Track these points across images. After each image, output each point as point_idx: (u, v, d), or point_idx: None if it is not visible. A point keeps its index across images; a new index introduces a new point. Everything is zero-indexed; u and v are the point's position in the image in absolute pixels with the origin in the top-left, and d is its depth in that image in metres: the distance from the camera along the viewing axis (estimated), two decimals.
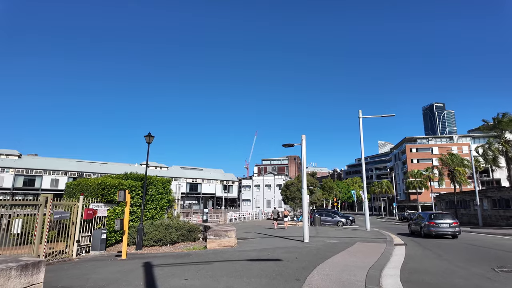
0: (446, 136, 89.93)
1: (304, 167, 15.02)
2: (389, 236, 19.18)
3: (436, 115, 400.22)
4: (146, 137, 14.50)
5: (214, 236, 12.51)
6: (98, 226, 13.96)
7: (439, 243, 16.75)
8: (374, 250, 12.41)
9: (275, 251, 11.19)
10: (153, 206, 17.68)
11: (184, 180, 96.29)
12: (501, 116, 32.72)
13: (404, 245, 15.06)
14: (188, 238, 14.98)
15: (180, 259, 9.97)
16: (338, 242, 14.65)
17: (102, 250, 13.31)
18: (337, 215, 36.57)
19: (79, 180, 15.34)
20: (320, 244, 13.46)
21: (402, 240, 17.73)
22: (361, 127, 26.37)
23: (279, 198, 77.73)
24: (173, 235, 14.28)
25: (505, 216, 40.44)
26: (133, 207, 15.74)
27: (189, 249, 12.71)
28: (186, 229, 14.97)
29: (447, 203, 59.88)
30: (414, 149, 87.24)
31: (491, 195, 44.04)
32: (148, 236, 13.98)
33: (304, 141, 15.34)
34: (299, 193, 38.08)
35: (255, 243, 13.92)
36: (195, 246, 13.17)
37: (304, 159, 15.09)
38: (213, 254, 10.84)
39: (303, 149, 15.20)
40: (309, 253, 10.76)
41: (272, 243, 14.23)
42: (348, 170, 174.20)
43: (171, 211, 20.24)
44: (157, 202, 18.11)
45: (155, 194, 17.96)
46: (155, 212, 17.87)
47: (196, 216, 39.90)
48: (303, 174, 14.95)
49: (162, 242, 14.01)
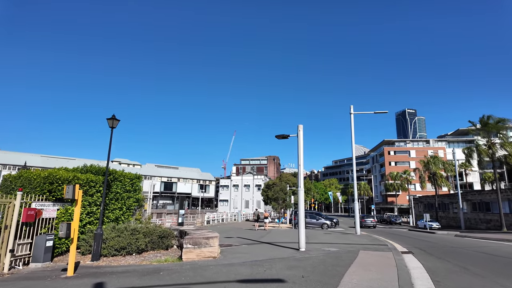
0: (423, 140, 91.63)
1: (301, 161, 12.78)
2: (387, 242, 17.39)
3: (408, 120, 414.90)
4: (109, 120, 11.69)
5: (193, 244, 9.96)
6: (43, 230, 11.00)
7: (445, 250, 15.09)
8: (385, 262, 10.37)
9: (272, 266, 8.82)
10: (118, 206, 14.78)
11: (159, 179, 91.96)
12: (486, 118, 32.21)
13: (410, 253, 13.21)
14: (160, 245, 12.30)
15: (147, 280, 7.37)
16: (339, 250, 12.52)
17: (46, 261, 10.37)
18: (321, 217, 34.83)
19: (20, 172, 12.24)
20: (320, 254, 11.24)
21: (402, 246, 15.97)
22: (352, 124, 24.65)
23: (258, 198, 75.48)
24: (141, 242, 11.56)
25: (485, 220, 40.45)
26: (92, 207, 12.85)
27: (159, 260, 10.07)
28: (157, 234, 12.28)
29: (425, 206, 60.12)
30: (392, 152, 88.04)
31: (471, 198, 44.12)
32: (108, 243, 11.18)
33: (301, 132, 13.12)
34: (282, 193, 36.11)
35: (243, 253, 11.48)
36: (168, 257, 10.53)
37: (301, 152, 12.85)
38: (191, 270, 8.29)
39: (300, 141, 12.97)
40: (315, 269, 8.48)
41: (263, 252, 11.85)
42: (325, 171, 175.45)
43: (141, 212, 17.35)
44: (124, 202, 15.23)
45: (121, 192, 15.07)
46: (120, 213, 14.98)
47: (171, 217, 36.77)
48: (300, 170, 12.70)
49: (126, 251, 11.25)
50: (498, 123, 30.87)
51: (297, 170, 12.78)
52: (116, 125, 11.89)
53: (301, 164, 12.75)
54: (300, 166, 12.73)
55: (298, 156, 12.83)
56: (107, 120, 11.77)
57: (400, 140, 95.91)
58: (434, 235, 27.07)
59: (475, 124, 33.17)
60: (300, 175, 12.66)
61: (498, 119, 31.09)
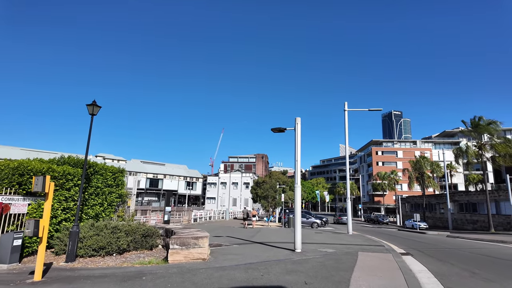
0: (410, 140, 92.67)
1: (298, 156, 11.95)
2: (382, 243, 16.82)
3: (394, 122, 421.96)
4: (89, 106, 10.53)
5: (180, 245, 8.98)
6: (11, 227, 9.81)
7: (443, 251, 14.60)
8: (388, 265, 9.67)
9: (269, 269, 7.94)
10: (98, 202, 13.63)
11: (144, 175, 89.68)
12: (478, 119, 32.26)
13: (409, 255, 12.62)
14: (143, 245, 11.24)
15: (127, 286, 6.38)
16: (337, 252, 11.77)
17: (13, 262, 9.21)
18: (311, 215, 34.27)
19: None
20: (318, 256, 10.45)
21: (398, 247, 15.42)
22: (347, 120, 24.03)
23: (246, 196, 74.61)
24: (122, 241, 10.49)
25: (472, 220, 40.78)
26: (69, 202, 11.68)
27: (143, 262, 9.05)
28: (141, 233, 11.22)
29: (411, 206, 60.59)
30: (379, 152, 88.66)
31: (458, 199, 44.47)
32: (86, 242, 10.07)
33: (299, 126, 12.29)
34: (272, 191, 35.33)
35: (234, 254, 10.57)
36: (152, 259, 9.51)
37: (298, 146, 12.02)
38: (178, 274, 7.33)
39: (298, 134, 12.14)
40: (317, 273, 7.66)
41: (256, 253, 10.97)
42: (312, 170, 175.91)
43: (124, 208, 16.18)
44: (105, 197, 14.08)
45: (102, 187, 13.91)
46: (101, 209, 13.83)
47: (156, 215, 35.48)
48: (297, 165, 11.87)
49: (105, 251, 10.16)
50: (489, 125, 30.93)
51: (294, 165, 11.96)
52: (97, 112, 10.74)
53: (298, 160, 11.92)
54: (297, 161, 11.90)
55: (296, 150, 11.99)
56: (87, 107, 10.61)
57: (388, 141, 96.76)
58: (425, 235, 26.85)
59: (466, 124, 33.15)
60: (297, 170, 11.84)
61: (489, 121, 31.16)
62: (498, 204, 35.80)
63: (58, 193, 11.30)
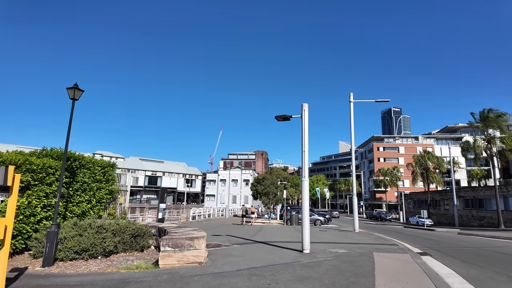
0: (412, 136, 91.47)
1: (305, 146, 10.73)
2: (394, 241, 15.68)
3: (393, 119, 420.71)
4: (69, 90, 9.27)
5: (172, 246, 7.78)
6: None
7: (462, 251, 13.42)
8: (410, 268, 8.49)
9: (276, 276, 6.75)
10: (85, 199, 12.43)
11: (143, 173, 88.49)
12: (487, 112, 31.05)
13: (428, 255, 11.45)
14: (133, 246, 10.04)
15: None
16: (349, 252, 10.58)
17: None
18: (314, 213, 33.10)
19: None
20: (330, 258, 9.27)
21: (412, 246, 14.26)
22: (352, 112, 22.86)
23: (245, 193, 73.50)
24: (108, 242, 9.29)
25: (478, 217, 39.68)
26: (50, 199, 10.48)
27: (129, 267, 7.85)
28: (130, 233, 10.01)
29: (415, 202, 59.45)
30: (381, 148, 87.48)
31: (463, 195, 43.35)
32: (66, 243, 8.86)
33: (306, 112, 11.07)
34: (273, 187, 34.17)
35: (235, 256, 9.38)
36: (141, 262, 8.31)
37: (305, 136, 10.81)
38: (169, 283, 6.13)
39: (305, 122, 10.92)
40: (334, 280, 6.47)
41: (260, 254, 9.77)
42: (312, 167, 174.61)
43: (115, 205, 14.97)
44: (93, 193, 12.88)
45: (90, 182, 12.70)
46: (88, 206, 12.63)
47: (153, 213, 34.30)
48: (304, 157, 10.66)
49: (89, 253, 8.97)
50: (498, 117, 29.73)
51: (301, 157, 10.74)
52: (78, 96, 9.49)
53: (306, 150, 10.71)
54: (305, 152, 10.69)
55: (303, 140, 10.78)
56: (67, 90, 9.36)
57: (389, 136, 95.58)
58: (434, 232, 25.70)
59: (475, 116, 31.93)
60: (305, 162, 10.63)
61: (498, 113, 29.96)
62: (507, 200, 34.70)
63: (37, 188, 10.09)
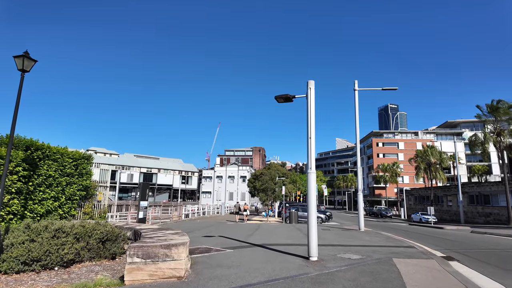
0: (411, 131, 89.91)
1: (312, 131, 8.90)
2: (409, 242, 13.97)
3: (390, 115, 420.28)
4: (17, 59, 7.35)
5: (143, 257, 5.95)
6: None
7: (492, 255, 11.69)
8: (444, 280, 6.72)
9: None
10: (51, 195, 10.55)
11: (138, 169, 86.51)
12: (496, 103, 29.41)
13: (456, 261, 9.70)
14: (101, 254, 8.19)
15: None
16: (364, 258, 8.81)
17: None
18: None
19: None
20: (344, 268, 7.47)
21: (430, 248, 12.52)
22: (357, 101, 21.10)
23: (242, 190, 71.76)
24: (67, 249, 7.43)
25: (484, 213, 38.19)
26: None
27: (86, 285, 5.99)
28: (97, 237, 8.16)
29: (416, 199, 57.98)
30: (380, 144, 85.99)
31: (468, 190, 41.81)
32: (12, 252, 7.01)
33: (312, 91, 9.24)
34: (271, 183, 32.41)
35: (226, 266, 7.56)
36: (102, 277, 6.45)
37: (312, 118, 8.99)
38: None
39: (311, 102, 9.10)
40: None
41: (257, 263, 7.95)
42: None
43: (91, 204, 13.08)
44: (61, 189, 10.99)
45: (57, 176, 10.82)
46: (55, 205, 10.75)
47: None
48: (310, 144, 8.83)
49: (41, 263, 7.11)
50: (510, 108, 28.09)
51: (306, 145, 8.92)
52: (29, 68, 7.58)
53: (312, 137, 8.88)
54: (311, 139, 8.86)
55: (309, 124, 8.95)
56: (15, 60, 7.43)
57: (389, 132, 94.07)
58: (444, 231, 24.04)
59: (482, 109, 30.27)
60: (311, 151, 8.81)
61: (510, 104, 28.31)
62: None
63: None
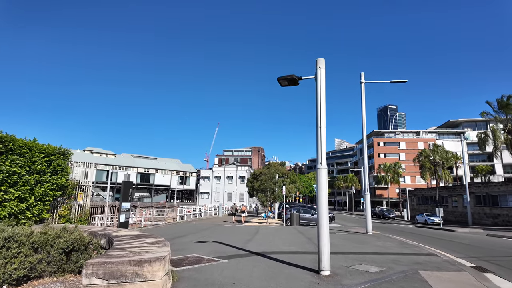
0: (413, 131, 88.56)
1: (322, 117, 7.42)
2: (427, 248, 12.48)
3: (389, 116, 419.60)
4: None
5: (105, 277, 4.46)
6: None
7: None
8: None
9: None
10: (15, 195, 9.02)
11: (135, 170, 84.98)
12: (506, 99, 28.03)
13: (491, 273, 8.23)
14: (64, 267, 6.65)
15: None
16: (386, 271, 7.32)
17: None
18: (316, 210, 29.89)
19: None
20: (366, 286, 5.98)
21: (452, 255, 11.03)
22: (363, 94, 19.64)
23: (241, 190, 70.29)
24: (18, 264, 5.93)
25: (492, 214, 36.77)
26: None
27: None
28: (60, 246, 6.64)
29: (419, 199, 56.59)
30: (381, 143, 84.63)
31: (474, 191, 40.38)
32: None
33: (322, 71, 7.76)
34: (271, 183, 30.93)
35: (219, 283, 6.02)
36: None
37: (322, 102, 7.51)
38: None
39: (321, 84, 7.63)
40: None
41: (256, 280, 6.42)
42: (309, 164, 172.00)
43: (67, 206, 11.54)
44: (29, 188, 9.46)
45: (23, 173, 9.29)
46: (22, 206, 9.21)
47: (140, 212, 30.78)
48: (320, 134, 7.35)
49: None
50: None
51: (316, 135, 7.43)
52: None
53: (323, 125, 7.40)
54: (321, 127, 7.37)
55: (319, 110, 7.46)
56: None
57: (390, 131, 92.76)
58: (457, 234, 22.56)
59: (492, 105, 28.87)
60: (322, 142, 7.33)
61: None
62: None
63: None
